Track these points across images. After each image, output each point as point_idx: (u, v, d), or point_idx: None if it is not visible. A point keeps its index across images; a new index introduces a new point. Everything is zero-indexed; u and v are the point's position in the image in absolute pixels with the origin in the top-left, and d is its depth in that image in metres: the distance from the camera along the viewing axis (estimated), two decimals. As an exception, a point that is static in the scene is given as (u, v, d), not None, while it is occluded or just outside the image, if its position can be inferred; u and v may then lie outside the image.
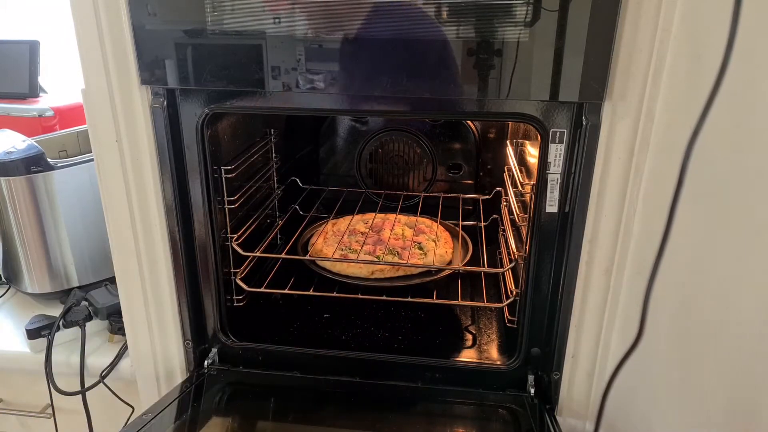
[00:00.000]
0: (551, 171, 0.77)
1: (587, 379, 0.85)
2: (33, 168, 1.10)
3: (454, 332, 1.04)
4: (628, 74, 0.69)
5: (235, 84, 0.76)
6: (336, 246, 1.14)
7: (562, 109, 0.74)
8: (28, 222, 1.13)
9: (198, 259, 0.91)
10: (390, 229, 1.21)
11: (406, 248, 1.13)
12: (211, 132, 0.85)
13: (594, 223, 0.77)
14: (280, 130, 1.26)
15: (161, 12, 0.73)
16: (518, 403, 0.89)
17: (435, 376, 0.93)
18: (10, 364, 1.09)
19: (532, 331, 0.87)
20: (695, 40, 0.63)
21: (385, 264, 1.09)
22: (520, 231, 0.99)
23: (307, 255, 1.12)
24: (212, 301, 0.94)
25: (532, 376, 0.89)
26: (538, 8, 0.67)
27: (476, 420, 0.90)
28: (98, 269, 1.21)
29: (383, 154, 1.40)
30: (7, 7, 1.88)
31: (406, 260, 1.09)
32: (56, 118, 1.42)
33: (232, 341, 0.96)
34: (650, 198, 0.72)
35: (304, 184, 1.34)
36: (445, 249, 1.15)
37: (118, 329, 1.07)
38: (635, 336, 0.64)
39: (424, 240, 1.18)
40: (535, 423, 0.85)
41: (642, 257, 0.74)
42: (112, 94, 0.79)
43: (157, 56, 0.76)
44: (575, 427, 0.89)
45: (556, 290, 0.83)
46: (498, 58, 0.70)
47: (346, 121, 1.41)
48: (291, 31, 0.72)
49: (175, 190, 0.85)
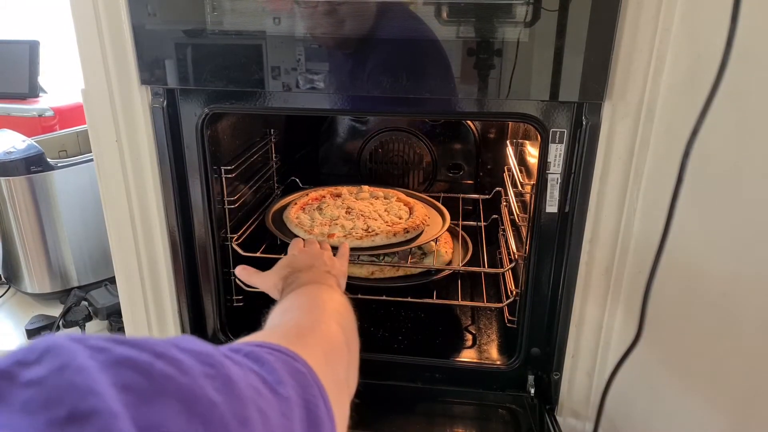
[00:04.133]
0: (551, 171, 0.77)
1: (587, 378, 0.85)
2: (33, 168, 1.10)
3: (454, 332, 1.04)
4: (628, 74, 0.69)
5: (234, 84, 0.76)
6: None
7: (562, 109, 0.74)
8: (28, 222, 1.13)
9: (198, 259, 0.91)
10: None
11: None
12: (211, 132, 0.85)
13: (594, 223, 0.77)
14: (280, 130, 1.26)
15: (161, 12, 0.73)
16: (518, 403, 0.89)
17: (435, 376, 0.93)
18: (10, 364, 1.09)
19: (532, 331, 0.87)
20: (695, 40, 0.63)
21: (385, 264, 1.09)
22: (520, 231, 0.99)
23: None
24: (212, 301, 0.94)
25: (532, 376, 0.89)
26: (538, 8, 0.67)
27: (476, 420, 0.90)
28: (98, 269, 1.21)
29: (383, 154, 1.40)
30: (7, 7, 1.88)
31: (407, 262, 1.09)
32: (56, 118, 1.42)
33: (231, 341, 0.96)
34: (650, 198, 0.72)
35: (304, 184, 1.34)
36: (446, 249, 1.15)
37: (118, 329, 1.07)
38: (635, 335, 0.64)
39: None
40: (535, 423, 0.85)
41: (642, 257, 0.74)
42: (112, 94, 0.79)
43: (157, 56, 0.76)
44: (575, 427, 0.89)
45: (556, 290, 0.83)
46: (498, 58, 0.70)
47: (346, 121, 1.41)
48: (291, 31, 0.72)
49: (175, 190, 0.85)
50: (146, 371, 0.26)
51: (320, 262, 0.79)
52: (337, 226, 1.05)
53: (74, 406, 0.23)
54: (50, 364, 0.25)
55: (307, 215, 1.11)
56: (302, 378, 0.39)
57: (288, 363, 0.39)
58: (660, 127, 0.69)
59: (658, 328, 0.67)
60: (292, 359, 0.40)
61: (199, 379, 0.28)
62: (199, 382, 0.28)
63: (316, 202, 1.18)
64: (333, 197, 1.21)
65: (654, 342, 0.67)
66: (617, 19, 0.66)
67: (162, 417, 0.25)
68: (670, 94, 0.67)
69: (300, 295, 0.66)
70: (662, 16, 0.65)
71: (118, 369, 0.26)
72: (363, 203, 1.17)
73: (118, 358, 0.26)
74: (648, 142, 0.71)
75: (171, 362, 0.28)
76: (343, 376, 0.50)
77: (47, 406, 0.23)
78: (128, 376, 0.26)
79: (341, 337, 0.55)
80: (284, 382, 0.36)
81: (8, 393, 0.23)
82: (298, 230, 1.04)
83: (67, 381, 0.24)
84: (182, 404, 0.26)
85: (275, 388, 0.35)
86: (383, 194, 1.23)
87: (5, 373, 0.24)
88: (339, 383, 0.48)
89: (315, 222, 1.08)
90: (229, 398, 0.29)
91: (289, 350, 0.41)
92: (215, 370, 0.30)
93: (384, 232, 1.02)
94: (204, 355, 0.31)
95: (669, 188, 0.57)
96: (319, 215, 1.12)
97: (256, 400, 0.31)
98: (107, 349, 0.27)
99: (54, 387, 0.24)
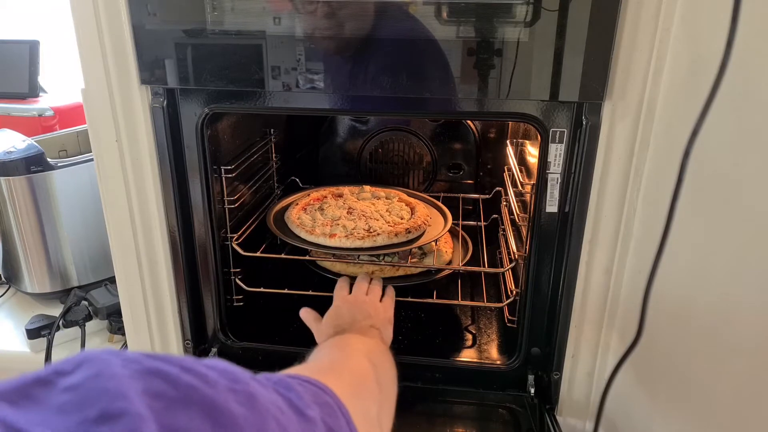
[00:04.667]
0: (551, 171, 0.77)
1: (587, 378, 0.85)
2: (33, 168, 1.10)
3: (454, 332, 1.04)
4: (628, 74, 0.69)
5: (235, 84, 0.76)
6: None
7: (562, 108, 0.74)
8: (28, 222, 1.13)
9: (198, 259, 0.91)
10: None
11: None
12: (211, 132, 0.85)
13: (594, 223, 0.77)
14: (280, 129, 1.26)
15: (161, 12, 0.73)
16: (518, 403, 0.89)
17: (435, 375, 0.93)
18: (10, 364, 1.09)
19: (532, 331, 0.87)
20: (695, 40, 0.63)
21: (385, 264, 1.09)
22: (520, 231, 0.99)
23: (307, 255, 1.12)
24: (212, 301, 0.94)
25: (532, 375, 0.89)
26: (538, 8, 0.67)
27: (476, 420, 0.90)
28: (98, 269, 1.21)
29: (383, 154, 1.40)
30: (7, 7, 1.88)
31: (407, 261, 1.09)
32: (56, 118, 1.42)
33: (231, 341, 0.96)
34: (650, 198, 0.72)
35: (304, 184, 1.34)
36: (446, 249, 1.15)
37: (117, 329, 1.07)
38: (635, 335, 0.64)
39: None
40: (535, 423, 0.85)
41: (642, 257, 0.74)
42: (112, 94, 0.79)
43: (157, 56, 0.76)
44: (575, 427, 0.89)
45: (556, 290, 0.83)
46: (498, 57, 0.70)
47: (346, 121, 1.41)
48: (291, 30, 0.72)
49: (175, 190, 0.85)
50: (173, 381, 0.28)
51: (363, 315, 0.81)
52: (339, 226, 1.05)
53: (105, 408, 0.25)
54: (86, 372, 0.27)
55: (308, 215, 1.11)
56: (330, 409, 0.40)
57: (316, 394, 0.40)
58: (660, 127, 0.69)
59: (658, 328, 0.67)
60: (321, 390, 0.41)
61: (222, 392, 0.30)
62: (222, 395, 0.30)
63: (318, 203, 1.18)
64: (335, 197, 1.21)
65: (654, 342, 0.67)
66: (617, 19, 0.66)
67: (185, 423, 0.27)
68: (670, 94, 0.67)
69: (334, 339, 0.70)
70: (662, 16, 0.65)
71: (148, 378, 0.28)
72: (364, 203, 1.17)
73: (148, 369, 0.28)
74: (648, 142, 0.71)
75: (197, 375, 0.30)
76: (374, 414, 0.51)
77: (81, 408, 0.25)
78: (156, 385, 0.28)
79: (372, 374, 0.55)
80: (311, 407, 0.37)
81: (46, 397, 0.26)
82: (300, 231, 1.04)
83: (101, 386, 0.26)
84: (205, 413, 0.28)
85: (301, 410, 0.36)
86: (385, 194, 1.23)
87: (45, 381, 0.27)
88: (369, 420, 0.49)
89: (316, 222, 1.08)
90: (250, 411, 0.31)
91: (319, 382, 0.42)
92: (239, 385, 0.32)
93: (386, 233, 1.02)
94: (230, 373, 0.32)
95: (669, 188, 0.57)
96: (320, 215, 1.12)
97: (278, 416, 0.33)
98: (139, 361, 0.29)
99: (88, 391, 0.26)
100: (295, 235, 1.04)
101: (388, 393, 0.58)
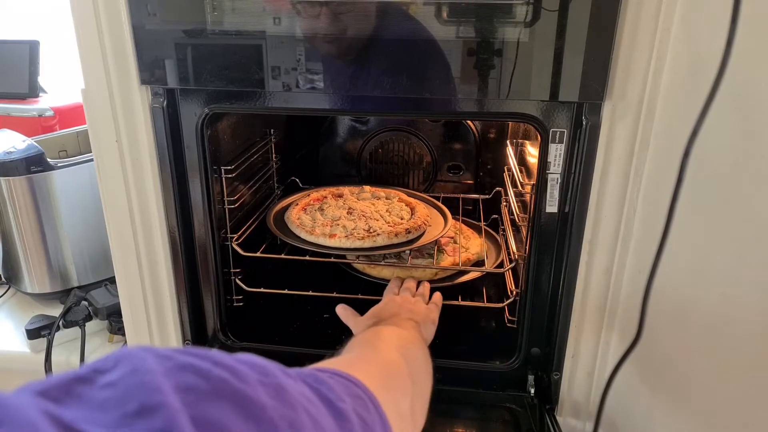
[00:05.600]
0: (551, 171, 0.77)
1: (587, 378, 0.85)
2: (33, 168, 1.10)
3: (454, 332, 1.04)
4: (628, 74, 0.69)
5: (235, 84, 0.76)
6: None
7: (562, 109, 0.74)
8: (28, 222, 1.13)
9: (198, 259, 0.91)
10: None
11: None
12: (211, 132, 0.85)
13: (594, 223, 0.77)
14: (280, 130, 1.26)
15: (161, 12, 0.73)
16: (518, 403, 0.89)
17: (435, 375, 0.93)
18: (10, 364, 1.09)
19: (532, 331, 0.87)
20: (695, 40, 0.63)
21: (386, 264, 1.09)
22: (520, 231, 0.99)
23: (307, 255, 1.12)
24: (212, 301, 0.94)
25: (532, 376, 0.89)
26: (538, 8, 0.67)
27: (476, 420, 0.90)
28: (98, 269, 1.21)
29: (383, 154, 1.40)
30: (7, 7, 1.88)
31: (412, 260, 1.09)
32: (56, 118, 1.42)
33: (231, 341, 0.96)
34: (650, 198, 0.72)
35: (304, 184, 1.34)
36: (475, 249, 1.13)
37: (117, 329, 1.07)
38: (635, 335, 0.64)
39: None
40: (535, 423, 0.85)
41: (642, 257, 0.74)
42: (112, 94, 0.79)
43: (157, 56, 0.76)
44: (575, 427, 0.89)
45: (556, 290, 0.83)
46: (498, 58, 0.70)
47: (346, 121, 1.41)
48: (291, 31, 0.72)
49: (175, 190, 0.85)
50: (205, 375, 0.29)
51: (405, 310, 0.83)
52: (339, 226, 1.05)
53: (144, 402, 0.26)
54: (123, 368, 0.28)
55: (308, 216, 1.11)
56: (361, 401, 0.40)
57: (347, 386, 0.41)
58: (660, 127, 0.69)
59: (659, 328, 0.67)
60: (352, 383, 0.41)
61: (253, 385, 0.31)
62: (253, 388, 0.31)
63: (318, 203, 1.18)
64: (335, 198, 1.21)
65: (654, 342, 0.67)
66: (617, 19, 0.66)
67: (217, 415, 0.28)
68: (670, 94, 0.67)
69: (366, 333, 0.69)
70: (662, 16, 0.65)
71: (180, 373, 0.29)
72: (365, 204, 1.17)
73: (181, 364, 0.30)
74: (648, 142, 0.71)
75: (227, 369, 0.31)
76: (405, 406, 0.50)
77: (121, 403, 0.26)
78: (189, 379, 0.29)
79: (403, 366, 0.55)
80: (343, 399, 0.38)
81: (88, 394, 0.27)
82: (300, 231, 1.04)
83: (138, 381, 0.27)
84: (236, 405, 0.29)
85: (333, 402, 0.36)
86: (385, 194, 1.23)
87: (85, 379, 0.28)
88: (401, 412, 0.48)
89: (316, 222, 1.08)
90: (281, 403, 0.31)
91: (349, 375, 0.42)
92: (269, 378, 0.33)
93: (386, 233, 1.02)
94: (260, 367, 0.33)
95: (669, 188, 0.57)
96: (320, 216, 1.12)
97: (309, 408, 0.34)
98: (172, 357, 0.30)
99: (126, 386, 0.27)
100: (295, 235, 1.04)
101: (421, 385, 0.58)
